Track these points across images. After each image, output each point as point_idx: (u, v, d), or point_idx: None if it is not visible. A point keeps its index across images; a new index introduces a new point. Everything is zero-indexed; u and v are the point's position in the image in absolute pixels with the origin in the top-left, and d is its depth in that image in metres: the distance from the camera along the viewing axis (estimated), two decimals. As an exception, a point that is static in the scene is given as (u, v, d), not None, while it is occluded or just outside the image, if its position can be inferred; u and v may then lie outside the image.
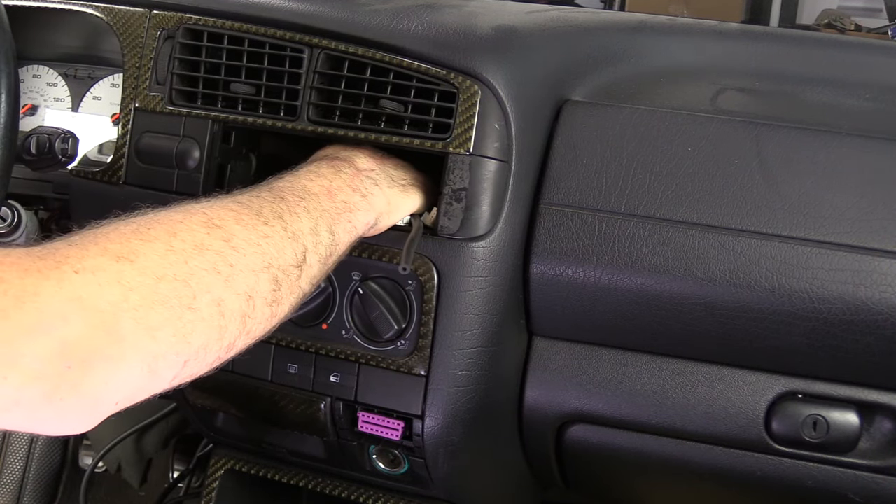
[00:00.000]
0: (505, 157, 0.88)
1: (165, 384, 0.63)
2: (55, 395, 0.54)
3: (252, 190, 0.76)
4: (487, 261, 0.87)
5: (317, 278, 0.76)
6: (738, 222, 0.86)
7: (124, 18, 1.02)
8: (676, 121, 0.91)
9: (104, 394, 0.57)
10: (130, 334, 0.58)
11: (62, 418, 0.57)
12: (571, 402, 0.95)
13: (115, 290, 0.58)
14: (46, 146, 1.03)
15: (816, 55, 1.04)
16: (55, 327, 0.54)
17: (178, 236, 0.64)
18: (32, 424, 0.57)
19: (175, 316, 0.61)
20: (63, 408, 0.55)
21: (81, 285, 0.56)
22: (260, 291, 0.68)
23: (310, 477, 1.06)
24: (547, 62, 0.96)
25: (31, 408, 0.54)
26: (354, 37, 0.91)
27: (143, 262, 0.61)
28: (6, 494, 1.57)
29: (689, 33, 1.07)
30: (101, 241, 0.61)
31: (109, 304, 0.57)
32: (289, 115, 0.93)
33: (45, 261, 0.56)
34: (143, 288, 0.59)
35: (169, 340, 0.61)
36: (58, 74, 1.19)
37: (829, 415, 0.90)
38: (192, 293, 0.62)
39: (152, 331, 0.59)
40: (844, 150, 0.88)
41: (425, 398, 0.89)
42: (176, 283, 0.62)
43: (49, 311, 0.54)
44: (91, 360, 0.56)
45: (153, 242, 0.63)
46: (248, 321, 0.68)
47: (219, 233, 0.67)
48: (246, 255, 0.67)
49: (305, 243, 0.73)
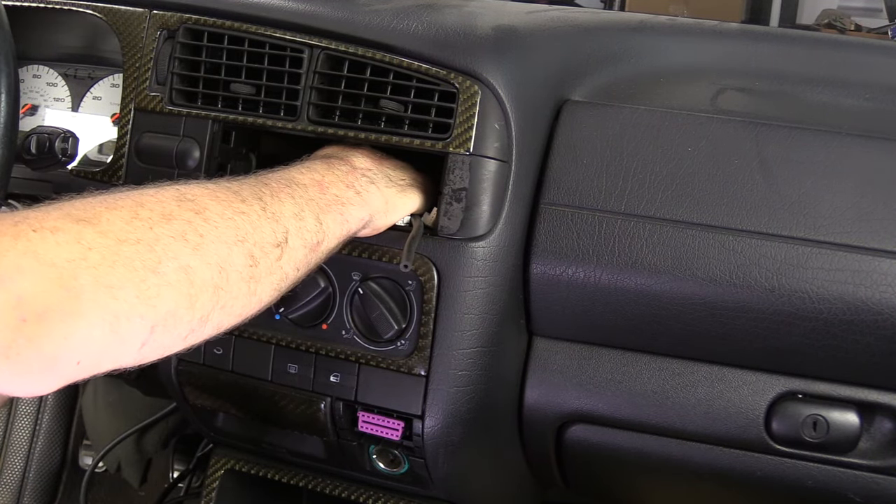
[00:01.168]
0: (505, 157, 0.88)
1: (133, 351, 0.61)
2: (11, 350, 0.54)
3: (237, 178, 0.75)
4: (487, 261, 0.88)
5: (303, 264, 0.74)
6: (738, 222, 0.86)
7: (124, 18, 1.02)
8: (676, 121, 0.91)
9: (63, 351, 0.56)
10: (89, 290, 0.57)
11: (20, 374, 0.55)
12: (571, 402, 0.95)
13: (74, 248, 0.57)
14: (46, 146, 1.03)
15: (816, 55, 1.04)
16: (9, 279, 0.54)
17: (146, 206, 0.63)
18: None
19: (138, 277, 0.60)
20: (20, 363, 0.54)
21: (38, 241, 0.56)
22: (234, 264, 0.66)
23: (310, 477, 1.06)
24: (547, 62, 0.96)
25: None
26: (354, 37, 0.91)
27: (106, 225, 0.60)
28: (6, 494, 1.57)
29: (689, 33, 1.07)
30: (66, 208, 0.60)
31: (66, 261, 0.56)
32: (289, 116, 0.93)
33: (3, 222, 0.56)
34: (103, 248, 0.58)
35: (131, 301, 0.59)
36: (58, 74, 1.19)
37: (829, 415, 0.90)
38: (156, 258, 0.61)
39: (112, 289, 0.58)
40: (844, 150, 0.88)
41: (425, 398, 0.89)
42: (139, 245, 0.60)
43: (3, 264, 0.54)
44: (47, 314, 0.55)
45: (119, 210, 0.62)
46: (222, 294, 0.66)
47: (190, 205, 0.66)
48: (218, 228, 0.66)
49: (287, 225, 0.72)
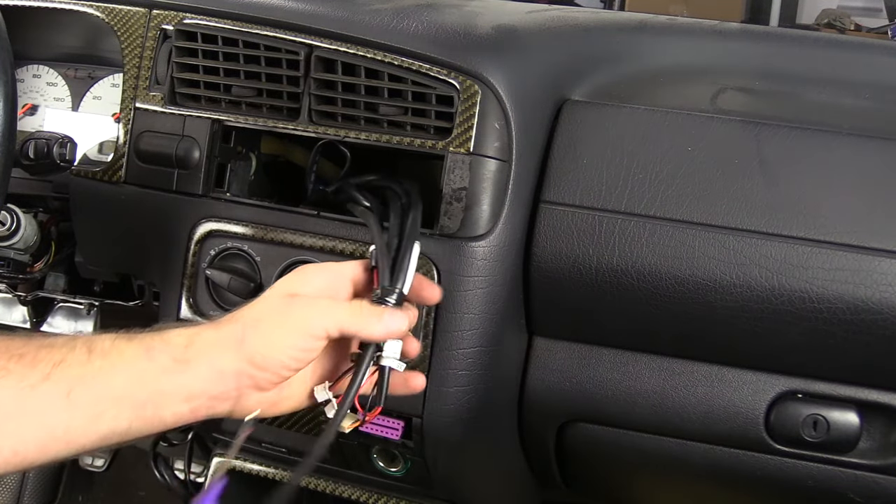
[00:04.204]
0: (505, 157, 0.88)
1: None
2: None
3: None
4: (487, 260, 0.87)
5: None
6: (738, 222, 0.86)
7: (124, 18, 1.02)
8: (676, 120, 0.91)
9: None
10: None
11: None
12: (571, 402, 0.95)
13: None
14: (44, 151, 1.02)
15: (816, 55, 1.04)
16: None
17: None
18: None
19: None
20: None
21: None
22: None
23: (310, 477, 1.06)
24: (547, 62, 0.96)
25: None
26: (355, 37, 0.91)
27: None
28: (6, 494, 1.57)
29: (689, 33, 1.07)
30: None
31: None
32: (290, 116, 0.93)
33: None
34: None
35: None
36: (58, 74, 1.19)
37: (829, 414, 0.90)
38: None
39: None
40: (844, 150, 0.88)
41: (425, 398, 0.89)
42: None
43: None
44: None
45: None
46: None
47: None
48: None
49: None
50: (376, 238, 0.79)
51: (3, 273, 1.10)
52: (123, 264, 1.08)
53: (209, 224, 0.96)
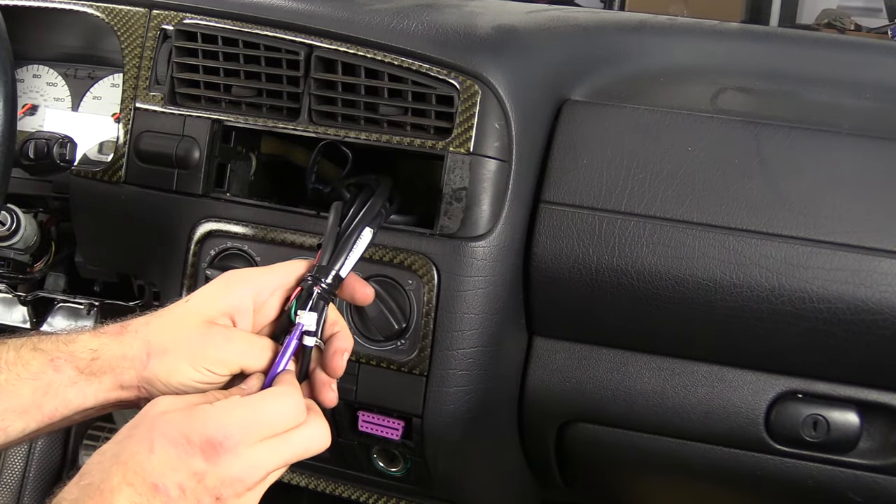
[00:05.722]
0: (505, 157, 0.88)
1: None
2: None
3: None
4: (487, 260, 0.88)
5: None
6: (738, 222, 0.86)
7: (124, 18, 1.02)
8: (676, 120, 0.91)
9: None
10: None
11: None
12: (571, 402, 0.95)
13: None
14: (44, 151, 1.02)
15: (816, 55, 1.04)
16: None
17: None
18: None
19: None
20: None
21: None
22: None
23: (310, 477, 1.06)
24: (547, 62, 0.96)
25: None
26: (355, 37, 0.91)
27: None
28: (6, 494, 1.57)
29: (689, 33, 1.07)
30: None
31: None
32: (290, 116, 0.93)
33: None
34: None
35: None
36: (58, 74, 1.19)
37: (829, 415, 0.90)
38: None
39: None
40: (844, 150, 0.88)
41: (425, 398, 0.89)
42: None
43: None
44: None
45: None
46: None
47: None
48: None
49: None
50: (330, 222, 0.79)
51: (3, 273, 1.10)
52: (123, 264, 1.08)
53: (209, 224, 0.96)
